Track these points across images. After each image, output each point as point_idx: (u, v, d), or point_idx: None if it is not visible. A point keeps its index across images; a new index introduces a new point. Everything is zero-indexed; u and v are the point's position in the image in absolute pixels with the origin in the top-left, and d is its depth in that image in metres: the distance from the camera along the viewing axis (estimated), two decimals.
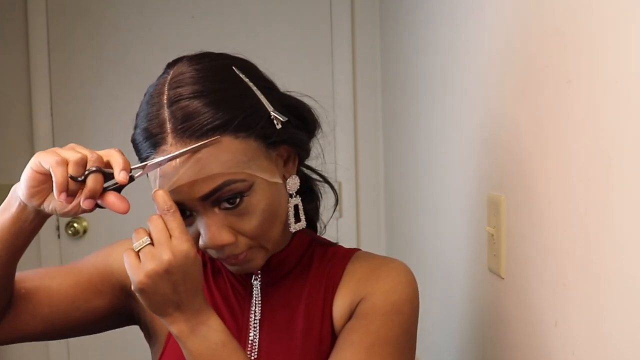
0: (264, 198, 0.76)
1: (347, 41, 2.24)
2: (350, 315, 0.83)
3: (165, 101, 0.74)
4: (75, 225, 2.26)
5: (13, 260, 0.78)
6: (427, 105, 1.46)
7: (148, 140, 0.74)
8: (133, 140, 0.79)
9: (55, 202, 0.73)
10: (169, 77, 0.77)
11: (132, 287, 0.72)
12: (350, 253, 0.89)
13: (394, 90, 1.96)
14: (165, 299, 0.72)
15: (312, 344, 0.83)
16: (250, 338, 0.84)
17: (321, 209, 0.96)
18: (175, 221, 0.72)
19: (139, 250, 0.72)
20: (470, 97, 1.08)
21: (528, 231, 0.82)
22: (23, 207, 0.75)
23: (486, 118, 0.99)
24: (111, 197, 0.72)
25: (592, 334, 0.66)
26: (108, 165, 0.73)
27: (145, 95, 0.79)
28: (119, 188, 0.73)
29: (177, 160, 0.72)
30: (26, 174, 0.72)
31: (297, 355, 0.82)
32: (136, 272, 0.71)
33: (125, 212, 0.73)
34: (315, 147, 0.88)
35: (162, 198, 0.72)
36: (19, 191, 0.74)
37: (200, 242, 0.77)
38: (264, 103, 0.77)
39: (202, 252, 0.90)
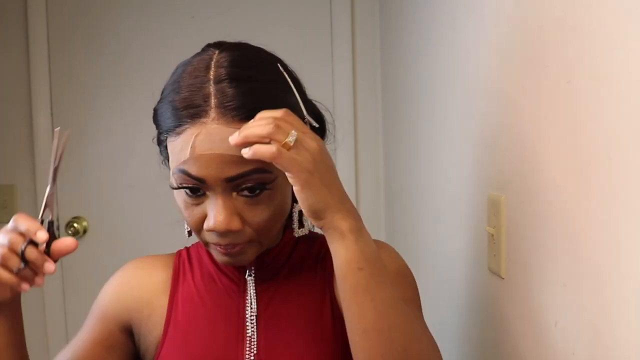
0: (280, 195, 0.78)
1: (347, 41, 2.23)
2: None
3: (212, 76, 0.74)
4: (75, 225, 2.26)
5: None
6: (427, 105, 1.46)
7: (187, 109, 0.74)
8: (158, 109, 0.78)
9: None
10: (215, 55, 0.77)
11: (298, 185, 0.69)
12: None
13: (394, 90, 1.96)
14: (331, 190, 0.70)
15: (314, 334, 0.84)
16: (248, 334, 0.84)
17: None
18: (296, 118, 0.71)
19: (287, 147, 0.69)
20: (470, 97, 1.08)
21: (528, 231, 0.82)
22: None
23: (486, 118, 0.99)
24: (60, 248, 0.74)
25: (592, 334, 0.66)
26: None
27: (177, 68, 0.79)
28: (52, 239, 0.74)
29: (217, 136, 0.72)
30: None
31: (300, 347, 0.83)
32: (299, 162, 0.68)
33: (75, 247, 0.75)
34: None
35: (268, 112, 0.70)
36: None
37: (207, 224, 0.76)
38: (301, 105, 0.79)
39: (184, 259, 0.91)
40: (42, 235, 0.71)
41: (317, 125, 0.80)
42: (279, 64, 0.80)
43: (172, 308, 0.87)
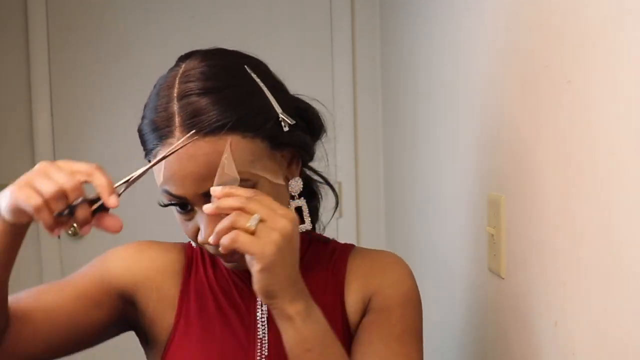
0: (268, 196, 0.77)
1: (347, 41, 2.23)
2: (364, 309, 0.86)
3: (175, 95, 0.74)
4: (76, 225, 2.25)
5: (3, 277, 0.74)
6: (427, 105, 1.46)
7: (155, 132, 0.75)
8: (140, 131, 0.79)
9: None
10: (180, 71, 0.77)
11: (258, 267, 0.68)
12: (348, 249, 0.92)
13: (394, 90, 1.96)
14: (289, 272, 0.70)
15: None
16: (259, 336, 0.83)
17: (321, 210, 0.96)
18: (269, 198, 0.71)
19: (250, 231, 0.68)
20: (470, 97, 1.08)
21: (528, 231, 0.82)
22: (7, 225, 0.71)
23: (486, 118, 0.99)
24: (106, 221, 0.71)
25: (592, 334, 0.66)
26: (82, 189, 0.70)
27: (155, 86, 0.79)
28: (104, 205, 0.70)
29: (185, 154, 0.72)
30: (8, 208, 0.69)
31: None
32: (262, 246, 0.67)
33: (119, 231, 0.71)
34: (319, 150, 0.89)
35: (240, 190, 0.70)
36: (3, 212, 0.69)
37: (199, 238, 0.77)
38: (273, 104, 0.78)
39: (197, 252, 0.90)
40: (112, 202, 0.69)
41: (292, 122, 0.78)
42: (246, 66, 0.78)
43: (183, 300, 0.86)
